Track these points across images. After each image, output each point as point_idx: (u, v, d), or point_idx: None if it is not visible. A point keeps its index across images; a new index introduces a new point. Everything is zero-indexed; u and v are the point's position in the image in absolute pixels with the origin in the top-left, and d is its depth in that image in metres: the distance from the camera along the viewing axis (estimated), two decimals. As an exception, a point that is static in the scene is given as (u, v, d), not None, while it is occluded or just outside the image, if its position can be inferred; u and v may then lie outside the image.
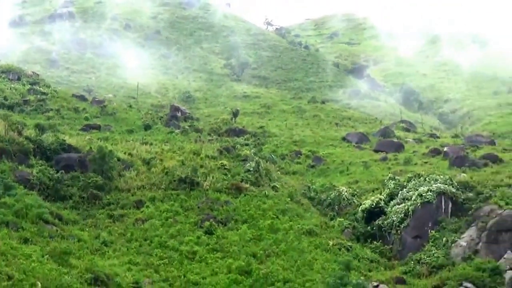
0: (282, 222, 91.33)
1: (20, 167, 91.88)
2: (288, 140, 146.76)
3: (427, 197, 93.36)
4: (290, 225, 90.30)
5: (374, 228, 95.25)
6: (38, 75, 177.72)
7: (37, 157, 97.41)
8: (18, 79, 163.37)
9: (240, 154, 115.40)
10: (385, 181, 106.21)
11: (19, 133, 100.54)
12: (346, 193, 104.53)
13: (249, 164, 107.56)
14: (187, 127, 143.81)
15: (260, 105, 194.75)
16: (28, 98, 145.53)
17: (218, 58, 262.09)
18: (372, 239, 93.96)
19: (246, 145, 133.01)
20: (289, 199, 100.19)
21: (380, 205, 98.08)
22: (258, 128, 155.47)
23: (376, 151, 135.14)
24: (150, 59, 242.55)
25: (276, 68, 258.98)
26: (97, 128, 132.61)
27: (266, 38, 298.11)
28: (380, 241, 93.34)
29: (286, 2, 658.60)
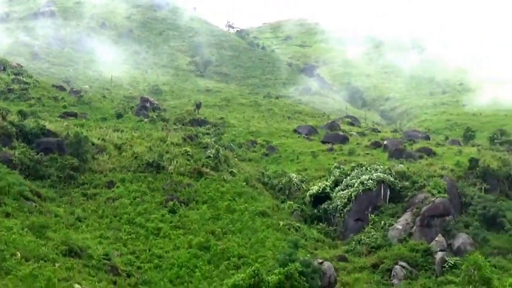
0: (238, 204, 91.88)
1: (4, 149, 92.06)
2: (245, 131, 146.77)
3: (368, 185, 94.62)
4: (245, 207, 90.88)
5: (320, 211, 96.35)
6: (22, 67, 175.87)
7: (19, 140, 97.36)
8: (4, 70, 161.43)
9: (202, 142, 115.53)
10: (331, 170, 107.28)
11: (3, 118, 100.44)
12: (296, 179, 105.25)
13: (210, 151, 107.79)
14: (155, 117, 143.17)
15: (221, 99, 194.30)
16: (12, 87, 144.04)
17: (184, 56, 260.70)
18: (318, 221, 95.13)
19: (208, 134, 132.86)
20: (245, 184, 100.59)
21: (326, 191, 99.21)
22: (219, 119, 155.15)
23: (324, 143, 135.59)
24: (123, 55, 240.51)
25: (236, 66, 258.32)
26: (74, 116, 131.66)
27: (228, 39, 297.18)
28: (325, 223, 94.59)
29: (246, 8, 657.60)
